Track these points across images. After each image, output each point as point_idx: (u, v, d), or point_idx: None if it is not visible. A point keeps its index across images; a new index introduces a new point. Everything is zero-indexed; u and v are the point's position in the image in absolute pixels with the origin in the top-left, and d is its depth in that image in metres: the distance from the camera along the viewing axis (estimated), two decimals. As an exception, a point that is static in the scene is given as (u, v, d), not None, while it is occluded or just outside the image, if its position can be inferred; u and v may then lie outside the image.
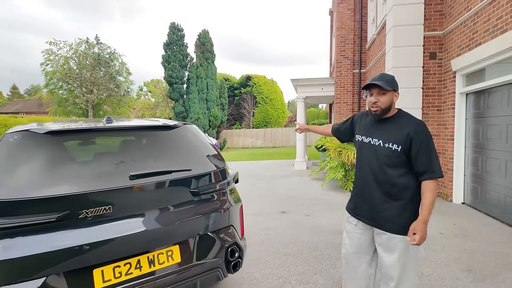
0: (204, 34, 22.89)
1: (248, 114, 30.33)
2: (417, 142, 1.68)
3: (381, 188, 1.76)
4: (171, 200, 1.93)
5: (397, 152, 1.71)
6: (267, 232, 4.18)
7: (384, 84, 1.71)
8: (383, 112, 1.78)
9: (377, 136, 1.81)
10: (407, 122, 1.75)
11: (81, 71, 33.06)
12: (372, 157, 1.81)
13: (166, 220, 1.86)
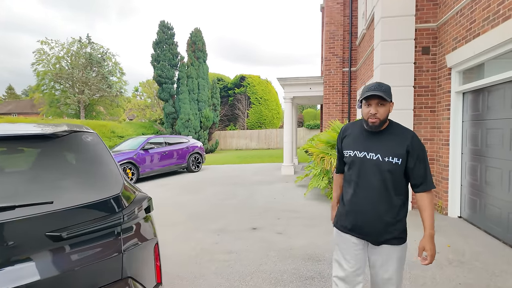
0: (195, 32, 22.23)
1: (242, 115, 29.68)
2: (414, 155, 1.67)
3: (384, 203, 1.71)
4: (15, 252, 1.27)
5: (398, 166, 1.68)
6: (228, 257, 3.53)
7: (384, 95, 1.65)
8: (381, 123, 1.71)
9: (375, 150, 1.73)
10: (404, 134, 1.72)
11: (72, 71, 32.43)
12: (372, 173, 1.72)
13: (13, 278, 1.21)
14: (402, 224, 1.74)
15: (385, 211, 1.71)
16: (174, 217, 5.37)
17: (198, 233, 4.40)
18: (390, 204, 1.71)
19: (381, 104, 1.68)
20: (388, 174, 1.68)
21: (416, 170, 1.68)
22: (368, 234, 1.77)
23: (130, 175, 9.04)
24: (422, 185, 1.69)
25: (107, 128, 18.08)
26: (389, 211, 1.71)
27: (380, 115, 1.68)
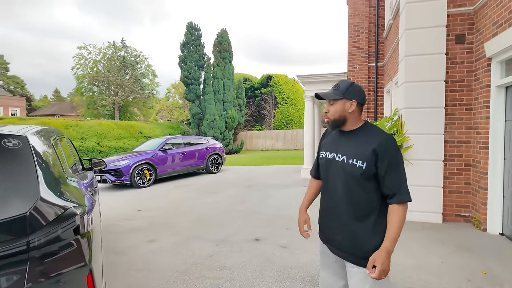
0: (222, 33, 22.21)
1: (269, 115, 29.30)
2: (384, 161, 1.46)
3: (349, 212, 1.54)
4: None
5: (362, 170, 1.48)
6: (219, 274, 3.16)
7: (330, 93, 1.60)
8: (334, 123, 1.61)
9: (342, 151, 1.59)
10: (374, 136, 1.52)
11: (108, 74, 33.94)
12: (337, 176, 1.59)
13: None
14: (365, 237, 1.49)
15: (350, 221, 1.53)
16: (181, 221, 5.12)
17: (197, 242, 4.09)
18: (356, 214, 1.52)
19: (331, 103, 1.60)
20: (351, 179, 1.51)
21: (387, 178, 1.46)
22: (337, 248, 1.60)
23: (148, 176, 9.01)
24: (396, 196, 1.45)
25: (135, 128, 18.53)
26: (356, 223, 1.51)
27: (330, 114, 1.60)
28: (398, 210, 1.44)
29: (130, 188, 8.65)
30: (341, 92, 1.55)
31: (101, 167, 4.06)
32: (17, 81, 53.01)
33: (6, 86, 49.78)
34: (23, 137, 1.56)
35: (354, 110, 1.57)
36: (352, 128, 1.59)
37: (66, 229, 1.43)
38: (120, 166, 8.57)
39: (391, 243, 1.41)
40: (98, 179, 8.69)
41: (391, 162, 1.45)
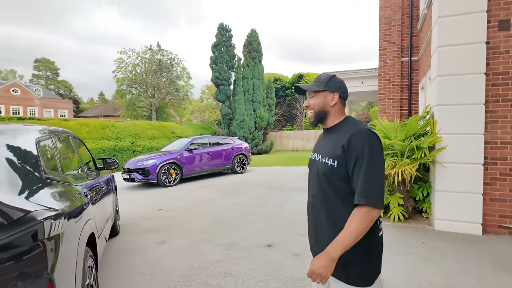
0: (251, 33, 22.18)
1: (300, 114, 28.79)
2: (352, 156, 1.28)
3: (325, 216, 1.38)
4: None
5: (334, 169, 1.33)
6: (223, 282, 2.99)
7: (311, 85, 1.47)
8: (317, 116, 1.46)
9: (321, 150, 1.47)
10: (346, 131, 1.35)
11: (145, 77, 35.49)
12: (315, 177, 1.45)
13: None
14: (360, 256, 1.31)
15: (326, 226, 1.39)
16: (197, 223, 5.06)
17: (207, 245, 3.97)
18: (332, 219, 1.37)
19: (311, 96, 1.48)
20: (324, 179, 1.38)
21: (353, 176, 1.29)
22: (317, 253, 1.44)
23: (174, 175, 9.14)
24: (356, 197, 1.26)
25: (167, 129, 19.08)
26: (333, 229, 1.35)
27: (312, 105, 1.47)
28: (355, 212, 1.25)
29: (157, 187, 8.82)
30: (322, 84, 1.45)
31: (113, 167, 4.08)
32: (66, 85, 57.37)
33: (56, 90, 54.08)
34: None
35: (336, 104, 1.44)
36: (332, 125, 1.47)
37: (23, 235, 1.33)
38: (147, 165, 8.77)
39: (334, 248, 1.23)
40: (127, 177, 8.99)
41: (358, 158, 1.27)
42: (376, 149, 1.29)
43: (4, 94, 34.12)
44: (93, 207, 2.61)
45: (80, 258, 1.81)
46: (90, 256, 2.17)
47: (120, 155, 14.48)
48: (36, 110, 37.57)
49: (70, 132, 3.23)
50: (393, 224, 4.56)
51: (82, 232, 1.94)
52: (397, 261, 3.31)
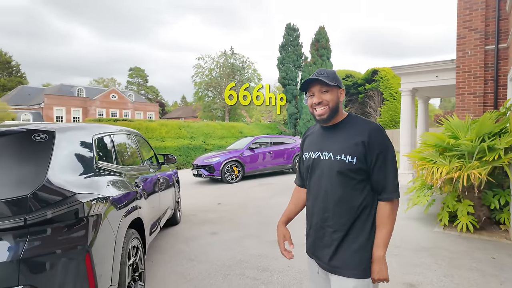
0: (320, 31, 21.70)
1: (374, 112, 27.01)
2: (373, 153, 1.31)
3: (336, 215, 1.37)
4: None
5: (352, 165, 1.33)
6: (258, 275, 3.10)
7: (326, 79, 1.37)
8: (331, 113, 1.40)
9: (328, 148, 1.41)
10: (361, 127, 1.36)
11: (220, 80, 37.76)
12: (323, 176, 1.40)
13: None
14: (365, 249, 1.33)
15: (336, 226, 1.37)
16: (248, 219, 5.27)
17: (252, 240, 4.12)
18: (343, 218, 1.35)
19: (325, 90, 1.39)
20: (339, 177, 1.35)
21: (375, 172, 1.33)
22: (319, 257, 1.44)
23: (236, 173, 9.59)
24: (382, 193, 1.33)
25: (236, 129, 19.99)
26: (342, 228, 1.36)
27: (327, 101, 1.38)
28: (387, 209, 1.33)
29: (220, 183, 9.38)
30: (334, 79, 1.40)
31: (172, 162, 4.55)
32: (153, 90, 64.62)
33: (146, 94, 61.32)
34: (51, 132, 1.88)
35: (342, 100, 1.45)
36: (338, 121, 1.43)
37: (67, 212, 1.64)
38: (212, 162, 9.39)
39: (382, 248, 1.31)
40: (195, 173, 9.78)
41: (379, 154, 1.32)
42: (391, 145, 1.36)
43: (105, 100, 40.17)
44: (144, 196, 2.98)
45: (120, 238, 2.11)
46: (136, 237, 2.49)
47: (193, 152, 15.75)
48: (129, 112, 43.19)
49: (132, 131, 3.73)
50: (460, 234, 4.03)
51: (125, 216, 2.25)
52: (454, 275, 2.94)
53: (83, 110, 38.04)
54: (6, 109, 18.58)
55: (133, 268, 2.41)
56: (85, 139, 2.24)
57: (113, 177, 2.37)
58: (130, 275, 2.30)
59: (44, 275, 1.53)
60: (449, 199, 4.25)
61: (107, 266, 1.89)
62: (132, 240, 2.38)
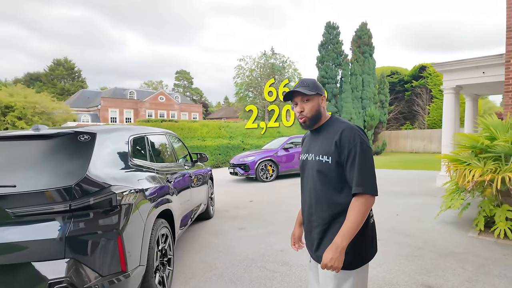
0: (361, 27, 21.07)
1: (422, 111, 25.44)
2: (344, 151, 1.42)
3: (318, 210, 1.51)
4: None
5: (329, 165, 1.45)
6: (277, 268, 3.28)
7: (304, 90, 1.50)
8: (311, 121, 1.55)
9: (312, 149, 1.58)
10: (336, 128, 1.49)
11: (260, 81, 38.23)
12: (309, 176, 1.57)
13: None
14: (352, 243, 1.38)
15: (319, 220, 1.50)
16: (276, 216, 5.45)
17: (278, 237, 4.29)
18: (324, 213, 1.48)
19: (306, 100, 1.52)
20: (318, 175, 1.49)
21: (348, 170, 1.41)
22: (310, 249, 1.59)
23: (271, 172, 9.80)
24: (354, 187, 1.38)
25: (274, 128, 20.18)
26: (323, 222, 1.49)
27: (306, 111, 1.53)
28: (355, 202, 1.37)
29: (255, 182, 9.66)
30: (314, 88, 1.53)
31: (205, 161, 4.90)
32: (198, 91, 67.29)
33: (191, 96, 64.09)
34: (93, 133, 2.25)
35: (324, 105, 1.58)
36: (319, 125, 1.57)
37: (103, 200, 1.98)
38: (247, 161, 9.71)
39: (341, 238, 1.33)
40: (232, 171, 10.18)
41: (350, 152, 1.40)
42: (366, 142, 1.43)
43: (153, 101, 42.84)
44: (175, 191, 3.31)
45: (149, 226, 2.43)
46: (165, 226, 2.81)
47: (232, 152, 16.28)
48: (176, 113, 45.56)
49: (168, 131, 4.12)
50: (496, 240, 3.81)
51: (155, 207, 2.58)
52: (479, 281, 2.85)
53: (134, 111, 40.93)
54: (69, 111, 20.78)
55: (161, 254, 2.73)
56: (122, 139, 2.61)
57: (145, 173, 2.71)
58: (158, 259, 2.62)
59: (84, 251, 1.88)
60: (486, 203, 4.03)
61: (136, 248, 2.21)
62: (161, 228, 2.70)
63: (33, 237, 1.78)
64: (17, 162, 2.01)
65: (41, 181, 1.88)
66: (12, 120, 16.14)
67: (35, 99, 17.25)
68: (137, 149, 2.84)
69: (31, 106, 16.75)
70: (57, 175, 1.94)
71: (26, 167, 1.99)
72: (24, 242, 1.78)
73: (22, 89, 18.10)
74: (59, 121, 18.71)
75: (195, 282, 3.00)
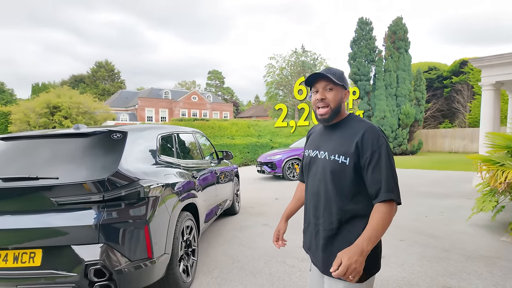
0: (396, 21, 20.25)
1: (463, 109, 23.94)
2: (366, 153, 1.28)
3: (327, 215, 1.37)
4: (34, 205, 2.08)
5: (345, 166, 1.31)
6: (296, 264, 3.37)
7: (332, 77, 1.34)
8: (333, 113, 1.38)
9: (324, 147, 1.42)
10: (357, 127, 1.35)
11: (290, 79, 38.07)
12: (319, 175, 1.41)
13: (26, 223, 2.04)
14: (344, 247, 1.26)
15: (325, 225, 1.37)
16: (301, 214, 5.48)
17: (299, 234, 4.30)
18: (332, 218, 1.35)
19: (329, 88, 1.37)
20: (331, 177, 1.34)
21: (369, 173, 1.27)
22: (313, 255, 1.48)
23: (298, 170, 9.82)
24: (379, 194, 1.25)
25: (303, 127, 20.06)
26: (330, 227, 1.36)
27: (329, 100, 1.37)
28: (382, 208, 1.23)
29: (281, 180, 9.74)
30: (340, 79, 1.38)
31: (230, 158, 5.08)
32: (229, 91, 68.34)
33: (222, 95, 65.27)
34: (124, 132, 2.48)
35: (346, 102, 1.45)
36: (337, 121, 1.43)
37: (132, 193, 2.20)
38: (274, 159, 9.81)
39: (366, 241, 1.18)
40: (259, 169, 10.33)
41: (374, 154, 1.27)
42: (388, 145, 1.32)
43: (187, 101, 44.26)
44: (200, 186, 3.50)
45: (174, 218, 2.63)
46: (189, 219, 3.01)
47: (260, 150, 16.45)
48: (208, 112, 46.70)
49: (195, 130, 4.35)
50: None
51: (180, 200, 2.78)
52: (506, 286, 2.74)
53: (169, 110, 42.56)
54: (109, 111, 22.11)
55: (186, 244, 2.93)
56: (151, 138, 2.83)
57: (171, 169, 2.92)
58: (183, 249, 2.82)
59: (115, 237, 2.10)
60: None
61: (162, 237, 2.41)
62: (186, 221, 2.90)
63: (72, 223, 2.03)
64: (60, 157, 2.29)
65: (79, 174, 2.13)
66: (59, 119, 17.53)
67: (79, 100, 18.57)
68: (164, 147, 3.06)
69: (75, 106, 18.06)
70: (93, 169, 2.18)
71: (67, 161, 2.26)
72: (65, 228, 2.03)
73: (68, 90, 19.55)
74: (100, 120, 19.99)
75: (218, 273, 3.18)
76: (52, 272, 1.98)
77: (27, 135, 2.48)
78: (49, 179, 2.08)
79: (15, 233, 2.03)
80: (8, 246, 2.03)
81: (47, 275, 1.98)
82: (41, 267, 2.00)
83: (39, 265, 2.00)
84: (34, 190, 2.08)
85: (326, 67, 1.55)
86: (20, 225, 2.04)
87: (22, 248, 2.03)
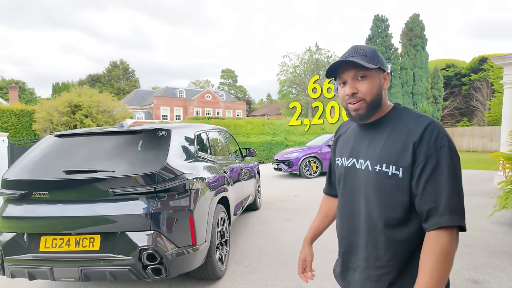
0: (413, 18, 20.01)
1: (482, 106, 23.42)
2: (421, 156, 0.91)
3: (370, 248, 1.02)
4: (93, 195, 2.31)
5: (398, 180, 0.95)
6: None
7: (361, 60, 0.98)
8: (371, 108, 1.01)
9: (365, 154, 1.05)
10: (412, 122, 0.98)
11: (303, 77, 37.97)
12: (357, 191, 1.07)
13: (86, 211, 2.27)
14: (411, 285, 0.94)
15: (370, 261, 1.03)
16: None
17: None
18: (380, 251, 1.00)
19: (361, 76, 1.01)
20: (378, 194, 0.99)
21: (421, 185, 0.91)
22: None
23: (314, 168, 9.95)
24: (432, 217, 0.90)
25: (318, 126, 20.09)
26: (377, 264, 1.01)
27: (363, 94, 1.00)
28: (442, 237, 0.89)
29: (299, 177, 9.88)
30: (374, 59, 1.01)
31: (253, 155, 5.27)
32: (242, 89, 68.68)
33: (235, 94, 65.65)
34: (169, 130, 2.69)
35: (387, 88, 1.08)
36: (378, 117, 1.06)
37: (178, 185, 2.40)
38: (291, 157, 9.94)
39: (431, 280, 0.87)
40: (275, 167, 10.49)
41: (430, 158, 0.91)
42: (455, 150, 0.94)
43: (201, 100, 44.81)
44: (230, 181, 3.70)
45: (212, 209, 2.83)
46: (223, 211, 3.21)
47: (275, 148, 16.61)
48: (221, 111, 47.12)
49: (222, 128, 4.54)
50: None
51: (216, 194, 2.98)
52: (531, 280, 2.82)
53: (183, 109, 43.19)
54: (126, 109, 22.66)
55: (220, 235, 3.13)
56: (190, 135, 3.04)
57: (208, 164, 3.12)
58: (218, 239, 3.02)
59: (164, 225, 2.31)
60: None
61: (203, 227, 2.61)
62: (220, 212, 3.10)
63: (127, 212, 2.25)
64: (113, 152, 2.52)
65: (132, 167, 2.35)
66: (80, 117, 18.13)
67: (99, 99, 19.11)
68: (200, 144, 3.27)
69: (95, 105, 18.60)
70: (144, 163, 2.40)
71: (120, 156, 2.48)
72: (121, 216, 2.25)
73: (88, 90, 20.18)
74: (118, 118, 20.56)
75: (248, 263, 3.37)
76: (110, 255, 2.21)
77: (81, 133, 2.73)
78: (106, 172, 2.30)
79: (76, 220, 2.27)
80: (71, 231, 2.27)
81: (106, 258, 2.20)
82: (100, 251, 2.23)
83: (98, 249, 2.23)
84: (93, 182, 2.31)
85: (352, 46, 1.03)
86: (81, 213, 2.27)
87: (83, 233, 2.27)
